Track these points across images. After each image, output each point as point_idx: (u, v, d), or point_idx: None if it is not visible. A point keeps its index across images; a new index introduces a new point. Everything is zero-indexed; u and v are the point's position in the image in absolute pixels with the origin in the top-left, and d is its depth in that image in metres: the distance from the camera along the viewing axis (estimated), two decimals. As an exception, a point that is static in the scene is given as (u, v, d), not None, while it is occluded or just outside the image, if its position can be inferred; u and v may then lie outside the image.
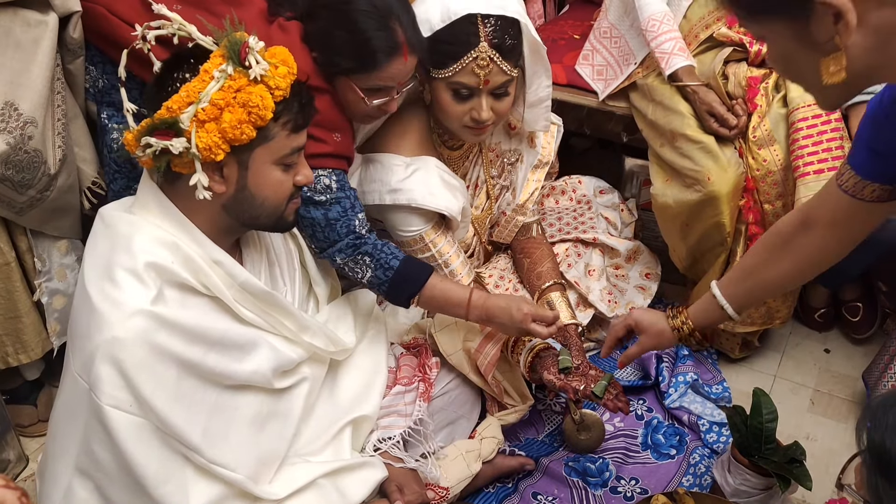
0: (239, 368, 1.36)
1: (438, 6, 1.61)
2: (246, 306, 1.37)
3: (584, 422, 1.82)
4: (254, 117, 1.23)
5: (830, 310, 2.23)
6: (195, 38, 1.27)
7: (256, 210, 1.34)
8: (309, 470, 1.47)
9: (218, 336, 1.33)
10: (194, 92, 1.22)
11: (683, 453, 1.86)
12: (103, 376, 1.21)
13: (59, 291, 1.82)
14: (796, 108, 1.83)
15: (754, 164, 1.88)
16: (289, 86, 1.26)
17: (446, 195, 1.75)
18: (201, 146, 1.22)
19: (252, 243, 1.48)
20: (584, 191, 2.28)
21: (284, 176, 1.34)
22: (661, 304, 2.26)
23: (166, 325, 1.25)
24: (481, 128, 1.70)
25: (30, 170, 1.61)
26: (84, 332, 1.25)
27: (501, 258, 2.11)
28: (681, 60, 1.93)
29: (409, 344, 1.78)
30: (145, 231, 1.29)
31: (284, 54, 1.28)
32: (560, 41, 2.38)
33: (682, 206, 1.93)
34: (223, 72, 1.22)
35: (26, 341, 1.81)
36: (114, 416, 1.22)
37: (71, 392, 1.29)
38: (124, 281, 1.24)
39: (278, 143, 1.29)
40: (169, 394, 1.26)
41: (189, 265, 1.30)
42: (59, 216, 1.77)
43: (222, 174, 1.29)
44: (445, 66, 1.62)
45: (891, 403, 0.86)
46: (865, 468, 0.87)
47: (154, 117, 1.23)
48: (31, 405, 1.95)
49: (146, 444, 1.25)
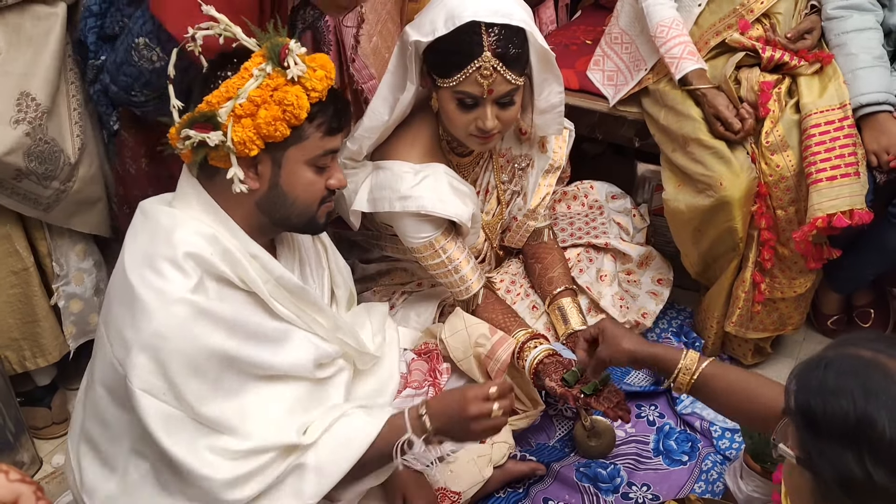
0: (277, 360, 1.39)
1: (444, 12, 1.61)
2: (281, 302, 1.40)
3: (594, 427, 1.82)
4: (288, 115, 1.26)
5: (843, 316, 2.22)
6: (239, 38, 1.31)
7: (288, 209, 1.37)
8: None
9: (254, 329, 1.35)
10: (233, 88, 1.26)
11: (695, 459, 1.86)
12: (140, 363, 1.25)
13: (75, 295, 1.84)
14: (809, 114, 1.82)
15: (767, 169, 1.87)
16: (325, 89, 1.30)
17: (456, 202, 1.76)
18: (236, 140, 1.26)
19: (285, 241, 1.51)
20: (596, 196, 2.28)
21: (316, 178, 1.37)
22: (673, 310, 2.26)
23: (206, 314, 1.28)
24: (487, 136, 1.70)
25: (51, 160, 1.64)
26: (125, 320, 1.28)
27: (513, 263, 2.11)
28: (690, 64, 1.93)
29: (421, 350, 1.78)
30: (185, 223, 1.33)
31: (324, 59, 1.32)
32: (572, 46, 2.38)
33: (695, 212, 1.93)
34: (262, 70, 1.27)
35: (44, 345, 1.83)
36: (145, 402, 1.25)
37: (113, 379, 1.31)
38: (166, 270, 1.27)
39: (312, 144, 1.33)
40: (206, 384, 1.29)
41: (227, 257, 1.33)
42: (86, 209, 1.79)
43: (256, 171, 1.32)
44: (450, 75, 1.62)
45: (812, 366, 0.94)
46: (794, 428, 0.94)
47: (195, 111, 1.28)
48: (46, 407, 1.97)
49: (175, 431, 1.27)
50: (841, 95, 1.83)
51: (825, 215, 1.74)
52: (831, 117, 1.80)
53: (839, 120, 1.80)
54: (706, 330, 2.13)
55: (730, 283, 2.01)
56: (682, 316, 2.27)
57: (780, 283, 1.95)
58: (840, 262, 1.89)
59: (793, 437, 0.94)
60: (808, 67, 1.90)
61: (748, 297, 1.98)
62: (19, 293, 1.76)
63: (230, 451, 1.31)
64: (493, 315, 1.85)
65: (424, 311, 1.94)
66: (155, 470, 1.33)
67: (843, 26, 1.90)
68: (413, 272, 2.02)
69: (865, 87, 1.82)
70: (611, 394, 1.80)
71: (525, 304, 2.00)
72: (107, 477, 1.37)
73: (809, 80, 1.89)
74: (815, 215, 1.75)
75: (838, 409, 0.87)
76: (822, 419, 0.89)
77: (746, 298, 1.99)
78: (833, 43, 1.92)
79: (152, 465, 1.33)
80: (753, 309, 1.99)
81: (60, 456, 1.91)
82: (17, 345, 1.83)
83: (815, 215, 1.75)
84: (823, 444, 0.89)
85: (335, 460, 1.36)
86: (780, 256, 1.92)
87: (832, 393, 0.89)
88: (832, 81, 1.85)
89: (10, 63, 1.60)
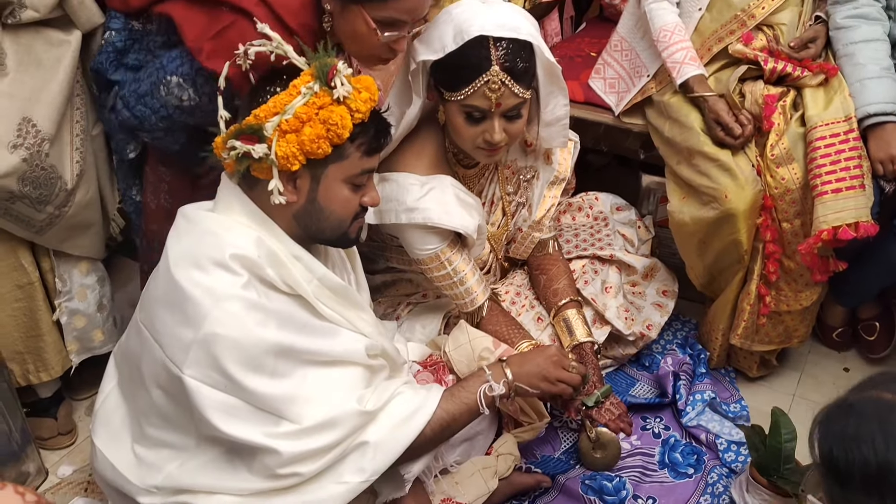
0: (330, 347, 1.43)
1: (452, 28, 1.62)
2: (325, 303, 1.43)
3: (599, 440, 1.82)
4: (332, 134, 1.31)
5: (848, 329, 2.22)
6: (290, 57, 1.34)
7: (322, 223, 1.42)
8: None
9: (303, 323, 1.40)
10: (281, 104, 1.31)
11: (701, 472, 1.85)
12: (197, 359, 1.29)
13: (78, 311, 1.84)
14: (814, 126, 1.82)
15: (772, 182, 1.87)
16: (368, 111, 1.34)
17: (462, 213, 1.76)
18: (280, 154, 1.30)
19: (315, 247, 1.54)
20: (601, 207, 2.28)
21: (352, 195, 1.41)
22: (678, 321, 2.26)
23: (257, 307, 1.32)
24: (494, 149, 1.70)
25: (46, 185, 1.63)
26: (175, 319, 1.32)
27: (518, 274, 2.11)
28: (692, 69, 1.93)
29: (426, 362, 1.78)
30: (230, 226, 1.37)
31: (368, 82, 1.36)
32: (577, 58, 2.39)
33: (699, 224, 1.93)
34: (310, 89, 1.31)
35: (47, 360, 1.83)
36: (203, 393, 1.30)
37: (167, 380, 1.35)
38: (213, 270, 1.32)
39: (351, 163, 1.37)
40: (263, 373, 1.32)
41: (272, 260, 1.36)
42: (79, 233, 1.79)
43: (295, 185, 1.36)
44: (457, 90, 1.63)
45: (835, 413, 0.93)
46: (820, 476, 0.93)
47: (242, 123, 1.33)
48: (52, 418, 1.97)
49: (237, 420, 1.32)
50: (846, 108, 1.83)
51: (831, 228, 1.74)
52: (837, 130, 1.80)
53: (844, 132, 1.80)
54: (711, 342, 2.12)
55: (735, 295, 2.01)
56: (686, 328, 2.27)
57: (785, 295, 1.95)
58: (845, 275, 1.88)
59: (820, 485, 0.94)
60: (812, 78, 1.90)
61: (753, 309, 1.98)
62: (24, 307, 1.76)
63: (292, 432, 1.34)
64: (498, 327, 1.85)
65: (430, 323, 1.94)
66: (223, 454, 1.38)
67: (851, 36, 1.90)
68: (418, 283, 2.02)
69: (873, 97, 1.82)
70: (613, 406, 1.80)
71: (530, 316, 2.00)
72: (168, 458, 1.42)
73: (814, 92, 1.89)
74: (820, 228, 1.75)
75: (860, 457, 0.87)
76: (845, 468, 0.88)
77: (751, 311, 1.98)
78: (841, 53, 1.92)
79: (221, 452, 1.38)
80: (759, 321, 1.99)
81: (67, 467, 1.91)
82: (22, 358, 1.83)
83: (820, 228, 1.75)
84: (849, 493, 0.88)
85: (394, 438, 1.42)
86: (785, 269, 1.92)
87: (854, 440, 0.88)
88: (837, 94, 1.85)
89: (17, 85, 1.60)
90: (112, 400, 1.53)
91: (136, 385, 1.46)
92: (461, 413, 1.52)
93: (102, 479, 1.51)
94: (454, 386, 1.57)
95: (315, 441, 1.36)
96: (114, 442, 1.48)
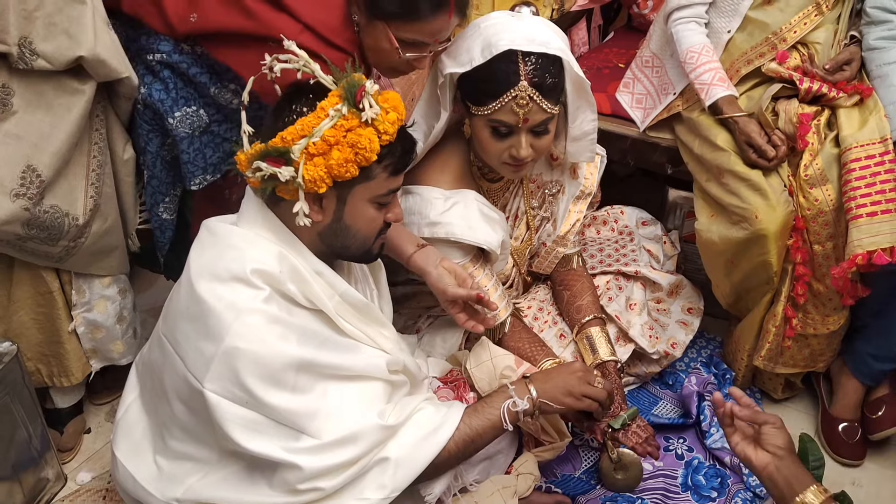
0: (352, 362, 1.42)
1: (480, 41, 1.60)
2: (346, 319, 1.44)
3: (621, 460, 1.79)
4: (360, 158, 1.30)
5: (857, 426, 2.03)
6: (317, 76, 1.33)
7: (348, 241, 1.42)
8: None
9: (324, 338, 1.39)
10: (308, 126, 1.29)
11: (725, 496, 1.82)
12: (218, 372, 1.29)
13: (97, 323, 1.82)
14: (849, 147, 1.78)
15: (805, 203, 1.83)
16: (396, 131, 1.33)
17: (486, 229, 1.74)
18: (307, 178, 1.29)
19: (337, 262, 1.53)
20: (627, 221, 2.25)
21: (377, 213, 1.41)
22: (702, 339, 2.22)
23: (278, 321, 1.32)
24: (520, 165, 1.68)
25: (53, 227, 1.62)
26: (198, 332, 1.32)
27: (541, 289, 2.08)
28: (721, 90, 1.90)
29: (447, 378, 1.76)
30: (253, 241, 1.37)
31: (396, 100, 1.34)
32: (604, 70, 2.36)
33: (728, 244, 1.89)
34: (338, 111, 1.29)
35: (67, 366, 1.83)
36: (223, 408, 1.30)
37: (188, 394, 1.35)
38: (235, 284, 1.32)
39: (377, 184, 1.36)
40: (284, 388, 1.32)
41: (294, 275, 1.36)
42: (102, 258, 1.78)
43: (321, 205, 1.36)
44: (485, 104, 1.61)
45: None
46: None
47: (268, 144, 1.31)
48: (57, 432, 1.95)
49: (258, 435, 1.32)
50: (882, 129, 1.78)
51: (865, 252, 1.70)
52: (872, 151, 1.76)
53: (880, 154, 1.75)
54: (736, 362, 2.09)
55: (761, 316, 1.97)
56: (711, 345, 2.23)
57: (812, 319, 1.91)
58: (869, 337, 1.87)
59: None
60: (847, 99, 1.86)
61: (779, 331, 1.94)
62: (45, 313, 1.76)
63: (312, 447, 1.33)
64: (520, 344, 1.83)
65: (451, 337, 1.92)
66: (244, 468, 1.38)
67: (884, 57, 1.86)
68: (439, 297, 2.01)
69: None
70: (640, 429, 1.78)
71: (552, 333, 1.98)
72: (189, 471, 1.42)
73: (849, 112, 1.85)
74: (854, 252, 1.71)
75: None
76: None
77: (777, 333, 1.95)
78: (874, 74, 1.88)
79: (243, 466, 1.38)
80: (784, 344, 1.95)
81: (85, 474, 1.91)
82: (47, 360, 1.83)
83: (854, 252, 1.71)
84: None
85: (416, 455, 1.41)
86: (814, 292, 1.88)
87: None
88: (873, 115, 1.81)
89: (24, 126, 1.54)
90: (133, 412, 1.53)
91: (159, 397, 1.46)
92: (485, 429, 1.51)
93: (123, 491, 1.51)
94: (477, 402, 1.56)
95: (336, 456, 1.35)
96: (135, 454, 1.48)
